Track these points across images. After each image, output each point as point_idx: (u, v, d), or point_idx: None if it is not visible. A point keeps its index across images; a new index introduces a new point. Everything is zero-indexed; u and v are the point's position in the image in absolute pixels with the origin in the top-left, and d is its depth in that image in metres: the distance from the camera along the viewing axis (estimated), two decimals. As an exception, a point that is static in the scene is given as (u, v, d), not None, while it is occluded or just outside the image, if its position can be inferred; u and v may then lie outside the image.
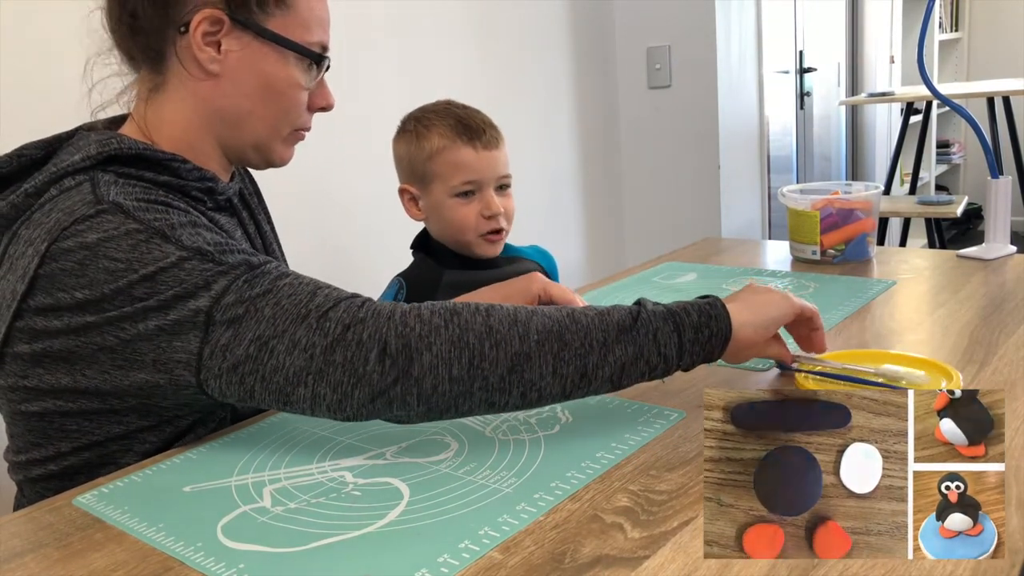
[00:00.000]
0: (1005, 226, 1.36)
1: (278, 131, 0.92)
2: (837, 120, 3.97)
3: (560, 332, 0.73)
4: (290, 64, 0.88)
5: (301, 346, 0.72)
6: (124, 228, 0.76)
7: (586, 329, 0.74)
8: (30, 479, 0.87)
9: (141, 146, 0.84)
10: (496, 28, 2.17)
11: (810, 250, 1.39)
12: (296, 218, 1.71)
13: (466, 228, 1.27)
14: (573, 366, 0.73)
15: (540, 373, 0.72)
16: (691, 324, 0.77)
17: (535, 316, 0.74)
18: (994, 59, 4.65)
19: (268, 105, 0.89)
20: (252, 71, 0.87)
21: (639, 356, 0.75)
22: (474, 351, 0.71)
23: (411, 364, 0.71)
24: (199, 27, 0.84)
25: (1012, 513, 0.60)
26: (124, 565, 0.63)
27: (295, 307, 0.74)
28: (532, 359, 0.72)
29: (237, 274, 0.75)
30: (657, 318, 0.76)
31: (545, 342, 0.73)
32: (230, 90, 0.88)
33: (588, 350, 0.73)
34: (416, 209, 1.32)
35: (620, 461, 0.73)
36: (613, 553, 0.60)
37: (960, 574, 0.54)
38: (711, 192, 2.53)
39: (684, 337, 0.77)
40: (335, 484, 0.73)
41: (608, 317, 0.75)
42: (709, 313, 0.78)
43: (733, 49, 2.53)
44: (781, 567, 0.56)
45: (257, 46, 0.86)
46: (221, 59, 0.86)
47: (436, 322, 0.72)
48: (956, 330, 1.01)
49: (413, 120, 1.30)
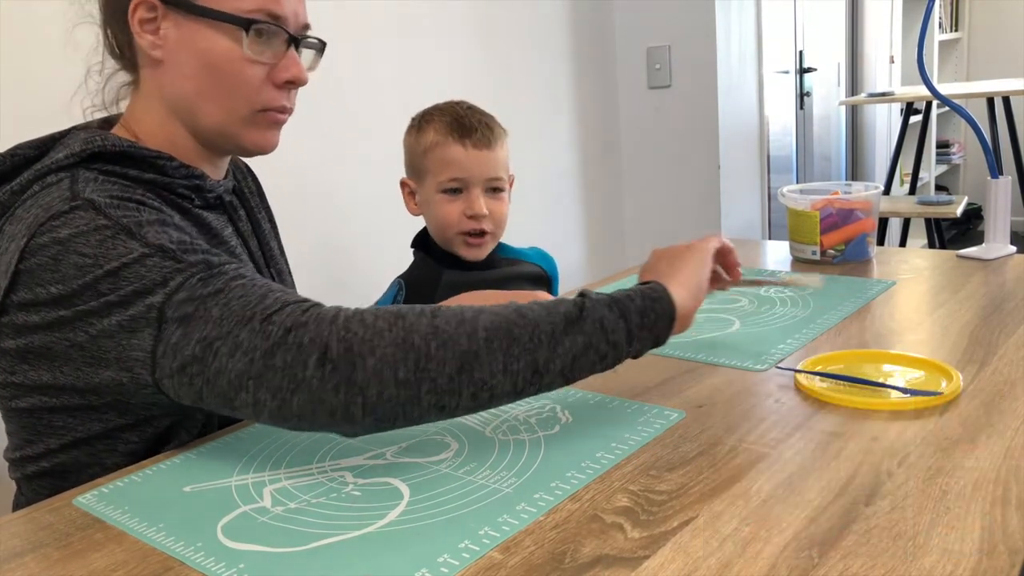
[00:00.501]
0: (1005, 226, 1.36)
1: (234, 112, 0.88)
2: (837, 120, 3.97)
3: (508, 328, 0.71)
4: (226, 37, 0.85)
5: (243, 349, 0.70)
6: (94, 224, 0.76)
7: (534, 323, 0.72)
8: (26, 476, 0.88)
9: (125, 144, 0.85)
10: (496, 28, 2.17)
11: (810, 250, 1.39)
12: (297, 218, 1.71)
13: (448, 225, 1.27)
14: (524, 361, 0.71)
15: (491, 371, 0.70)
16: (636, 309, 0.76)
17: (482, 314, 0.72)
18: (994, 59, 4.65)
19: (213, 84, 0.86)
20: (190, 51, 0.85)
21: (589, 346, 0.73)
22: (420, 352, 0.68)
23: (353, 370, 0.68)
24: (136, 13, 0.84)
25: (1012, 513, 0.60)
26: (124, 565, 0.63)
27: (243, 309, 0.72)
28: (481, 357, 0.69)
29: (193, 272, 0.75)
30: (602, 306, 0.75)
31: (494, 339, 0.70)
32: (175, 74, 0.86)
33: (538, 344, 0.71)
34: (413, 203, 1.34)
35: (620, 461, 0.73)
36: (613, 553, 0.60)
37: (960, 574, 0.54)
38: (711, 192, 2.53)
39: (631, 323, 0.76)
40: (335, 484, 0.73)
41: (554, 309, 0.74)
42: (651, 296, 0.78)
43: (733, 49, 2.53)
44: (781, 567, 0.56)
45: (190, 23, 0.85)
46: (162, 44, 0.85)
47: (380, 326, 0.69)
48: (956, 330, 1.01)
49: (420, 115, 1.33)
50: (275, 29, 0.87)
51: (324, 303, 0.74)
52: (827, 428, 0.77)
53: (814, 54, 3.78)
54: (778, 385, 0.88)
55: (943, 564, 0.55)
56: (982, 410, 0.78)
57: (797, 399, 0.84)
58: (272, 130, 0.92)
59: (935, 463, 0.69)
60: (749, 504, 0.65)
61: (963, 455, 0.70)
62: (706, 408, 0.84)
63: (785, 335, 1.04)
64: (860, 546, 0.58)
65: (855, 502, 0.64)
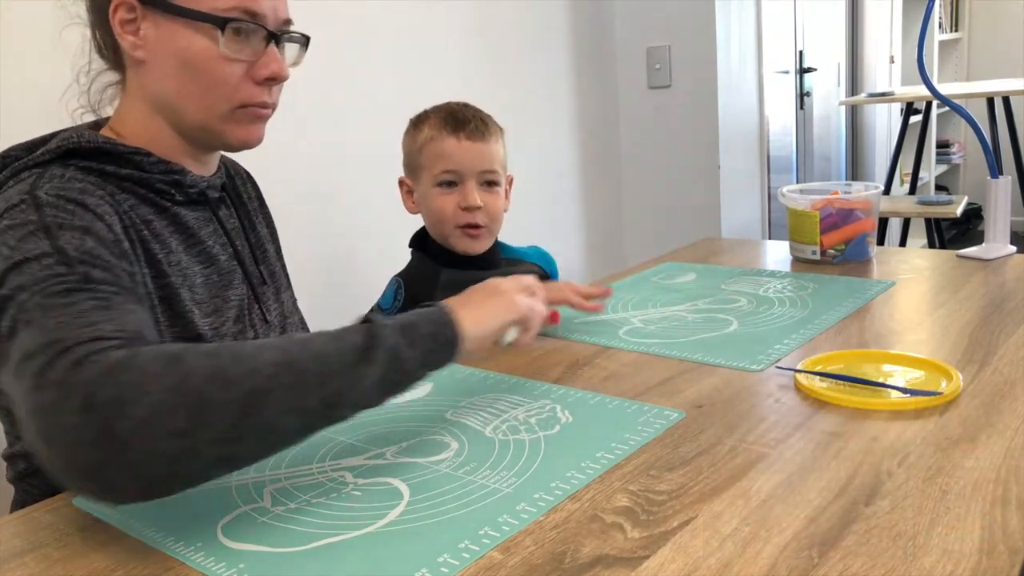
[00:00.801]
0: (1005, 226, 1.36)
1: (213, 109, 0.88)
2: (837, 120, 3.97)
3: (293, 362, 0.66)
4: (203, 36, 0.85)
5: (26, 379, 0.62)
6: (24, 218, 0.76)
7: (322, 356, 0.68)
8: (18, 475, 0.89)
9: (101, 140, 0.85)
10: (496, 28, 2.17)
11: (810, 250, 1.39)
12: (296, 218, 1.71)
13: (443, 219, 1.28)
14: (315, 397, 0.66)
15: (278, 410, 0.64)
16: (422, 335, 0.75)
17: (265, 350, 0.66)
18: (994, 59, 4.65)
19: (192, 83, 0.86)
20: (169, 50, 0.86)
21: (382, 376, 0.70)
22: (198, 398, 0.61)
23: (118, 419, 0.58)
24: (116, 14, 0.85)
25: (1012, 513, 0.60)
26: (124, 565, 0.63)
27: (47, 333, 0.64)
28: (266, 396, 0.63)
29: (54, 283, 0.70)
30: (393, 334, 0.72)
31: (280, 375, 0.64)
32: (157, 74, 0.87)
33: (328, 377, 0.67)
34: (411, 201, 1.35)
35: (620, 461, 0.73)
36: (613, 553, 0.60)
37: (960, 574, 0.54)
38: (711, 192, 2.53)
39: (420, 349, 0.74)
40: (335, 484, 0.73)
41: (344, 340, 0.70)
42: (438, 321, 0.77)
43: (733, 49, 2.53)
44: (781, 567, 0.56)
45: (167, 23, 0.85)
46: (143, 44, 0.86)
47: (153, 369, 0.61)
48: (956, 330, 1.01)
49: (416, 116, 1.34)
50: (253, 27, 0.87)
51: (145, 342, 0.68)
52: (827, 428, 0.77)
53: (814, 54, 3.78)
54: (778, 385, 0.88)
55: (943, 564, 0.55)
56: (982, 410, 0.78)
57: (797, 399, 0.84)
58: (255, 125, 0.91)
59: (935, 463, 0.69)
60: (749, 504, 0.65)
61: (963, 455, 0.70)
62: (706, 408, 0.84)
63: (784, 335, 1.04)
64: (860, 546, 0.58)
65: (855, 502, 0.64)
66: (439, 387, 0.95)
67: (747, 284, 1.29)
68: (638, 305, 1.22)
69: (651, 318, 1.15)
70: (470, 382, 0.96)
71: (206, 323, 0.88)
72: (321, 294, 1.75)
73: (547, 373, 0.97)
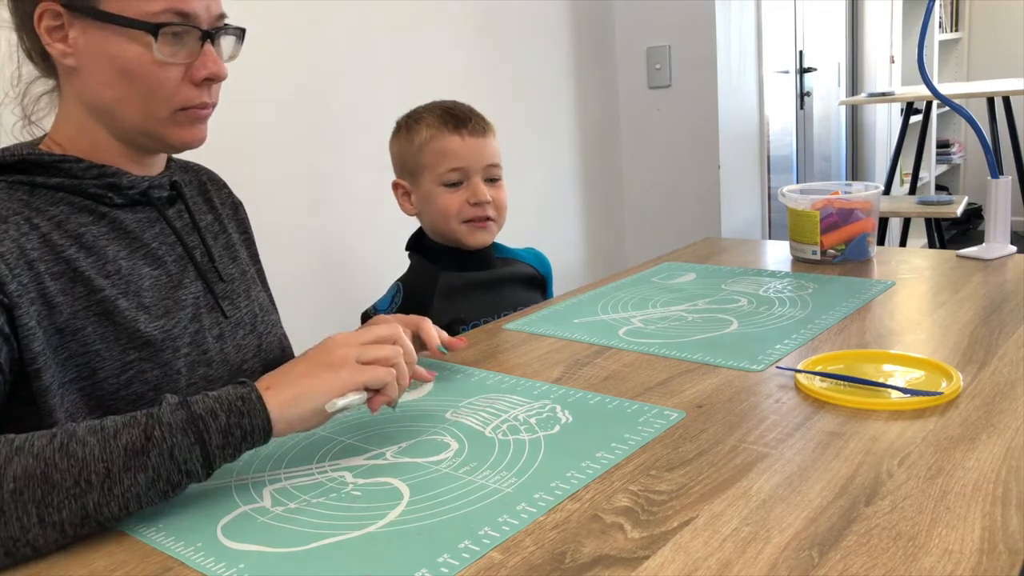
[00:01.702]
0: (1005, 226, 1.36)
1: (153, 114, 0.86)
2: (837, 120, 3.97)
3: (46, 474, 0.63)
4: (136, 42, 0.83)
5: None
6: None
7: (82, 464, 0.64)
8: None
9: (25, 151, 0.84)
10: (496, 28, 2.17)
11: (810, 250, 1.39)
12: (295, 220, 1.71)
13: (450, 216, 1.28)
14: (68, 510, 0.63)
15: (22, 526, 0.62)
16: (219, 428, 0.69)
17: (16, 458, 0.63)
18: (994, 59, 4.66)
19: (129, 90, 0.85)
20: (102, 57, 0.84)
21: (156, 479, 0.66)
22: None
23: None
24: (42, 21, 0.83)
25: (1012, 513, 0.60)
26: (124, 565, 0.63)
27: None
28: (6, 513, 0.61)
29: None
30: (176, 431, 0.67)
31: (25, 490, 0.62)
32: (91, 81, 0.85)
33: (86, 488, 0.63)
34: (409, 203, 1.34)
35: (620, 461, 0.73)
36: (613, 553, 0.60)
37: (960, 574, 0.54)
38: (711, 192, 2.53)
39: (210, 446, 0.68)
40: (335, 484, 0.73)
41: (115, 442, 0.65)
42: (241, 411, 0.70)
43: (733, 49, 2.53)
44: (781, 567, 0.56)
45: (97, 31, 0.83)
46: (72, 51, 0.84)
47: None
48: (956, 330, 1.01)
49: (405, 118, 1.34)
50: (186, 28, 0.85)
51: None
52: (827, 428, 0.77)
53: (814, 54, 3.78)
54: (778, 385, 0.88)
55: (943, 564, 0.55)
56: (982, 410, 0.78)
57: (797, 399, 0.84)
58: (196, 126, 0.90)
59: (935, 463, 0.69)
60: (749, 504, 0.65)
61: (963, 455, 0.70)
62: (706, 408, 0.84)
63: (784, 335, 1.04)
64: (860, 546, 0.58)
65: (855, 502, 0.64)
66: (439, 387, 0.95)
67: (747, 284, 1.29)
68: (638, 305, 1.22)
69: (651, 318, 1.15)
70: (470, 382, 0.96)
71: (156, 327, 0.86)
72: (321, 295, 1.75)
73: (547, 373, 0.97)
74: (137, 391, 0.83)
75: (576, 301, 1.27)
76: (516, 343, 1.10)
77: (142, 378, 0.83)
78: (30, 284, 0.79)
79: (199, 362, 0.88)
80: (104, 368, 0.82)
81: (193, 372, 0.87)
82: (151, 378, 0.84)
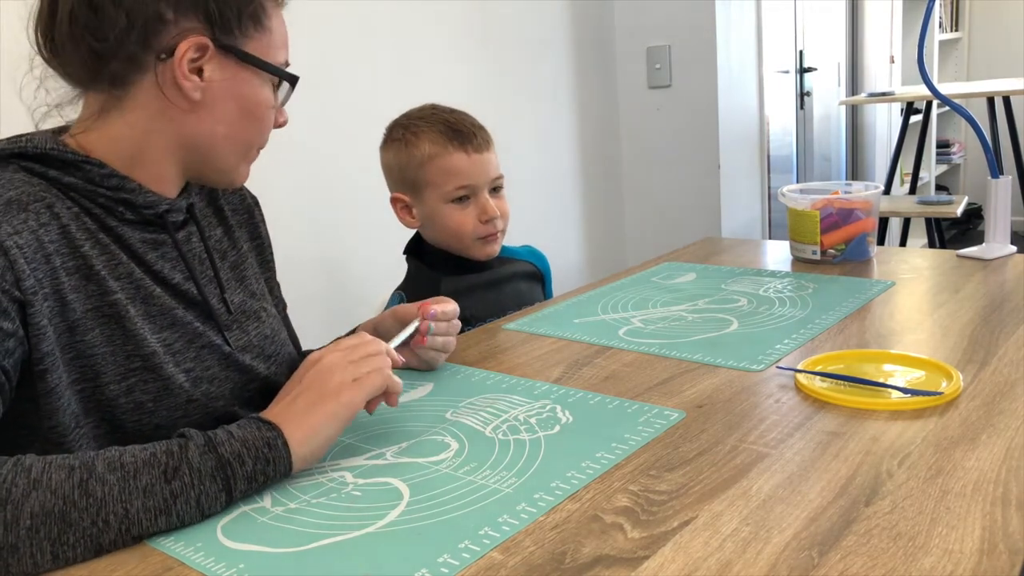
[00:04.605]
0: (1005, 226, 1.36)
1: (247, 154, 0.89)
2: (837, 120, 3.97)
3: (64, 512, 0.62)
4: (266, 86, 0.86)
5: None
6: None
7: (101, 502, 0.63)
8: None
9: (49, 146, 0.82)
10: (496, 29, 2.17)
11: (810, 250, 1.39)
12: (296, 223, 1.71)
13: (463, 234, 1.27)
14: (82, 547, 0.63)
15: (35, 563, 0.61)
16: (245, 475, 0.69)
17: (35, 493, 0.62)
18: (994, 59, 4.65)
19: (243, 129, 0.87)
20: (232, 96, 0.85)
21: (176, 522, 0.67)
22: None
23: None
24: (185, 54, 0.81)
25: (1012, 513, 0.60)
26: (124, 565, 0.63)
27: None
28: (20, 551, 0.61)
29: None
30: (204, 478, 0.67)
31: (41, 527, 0.61)
32: (207, 116, 0.85)
33: (103, 528, 0.63)
34: (410, 217, 1.31)
35: (620, 461, 0.73)
36: (613, 553, 0.60)
37: (960, 574, 0.54)
38: (711, 192, 2.53)
39: (235, 492, 0.69)
40: (335, 484, 0.73)
41: (135, 482, 0.65)
42: (268, 458, 0.71)
43: (733, 49, 2.53)
44: (781, 567, 0.56)
45: (237, 70, 0.84)
46: (204, 86, 0.83)
47: None
48: (956, 330, 1.01)
49: (400, 127, 1.29)
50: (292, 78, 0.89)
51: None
52: (827, 428, 0.77)
53: (814, 54, 3.78)
54: (778, 385, 0.88)
55: (943, 564, 0.55)
56: (982, 410, 0.78)
57: (797, 399, 0.84)
58: (249, 167, 0.93)
59: (935, 463, 0.69)
60: (749, 504, 0.65)
61: (963, 455, 0.70)
62: (706, 408, 0.84)
63: (784, 335, 1.04)
64: (860, 546, 0.58)
65: (855, 502, 0.64)
66: (439, 387, 0.95)
67: (747, 284, 1.29)
68: (638, 305, 1.22)
69: (651, 318, 1.15)
70: (470, 382, 0.96)
71: (159, 339, 0.84)
72: (321, 295, 1.75)
73: (547, 373, 0.97)
74: (137, 399, 0.82)
75: (576, 301, 1.27)
76: (516, 343, 1.10)
77: (143, 387, 0.83)
78: (45, 279, 0.77)
79: (202, 379, 0.87)
80: (107, 373, 0.81)
81: (196, 388, 0.86)
82: (152, 388, 0.83)
